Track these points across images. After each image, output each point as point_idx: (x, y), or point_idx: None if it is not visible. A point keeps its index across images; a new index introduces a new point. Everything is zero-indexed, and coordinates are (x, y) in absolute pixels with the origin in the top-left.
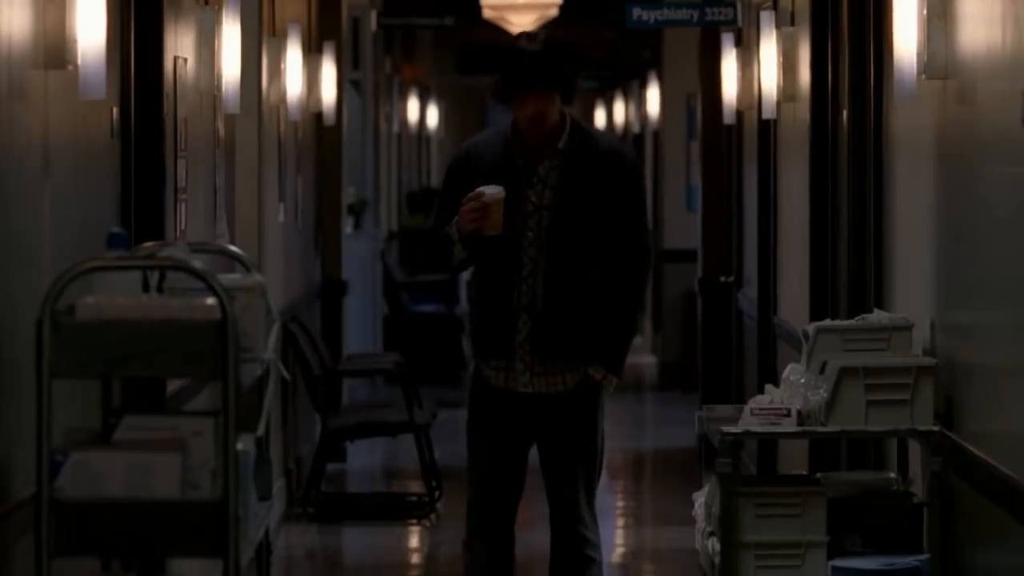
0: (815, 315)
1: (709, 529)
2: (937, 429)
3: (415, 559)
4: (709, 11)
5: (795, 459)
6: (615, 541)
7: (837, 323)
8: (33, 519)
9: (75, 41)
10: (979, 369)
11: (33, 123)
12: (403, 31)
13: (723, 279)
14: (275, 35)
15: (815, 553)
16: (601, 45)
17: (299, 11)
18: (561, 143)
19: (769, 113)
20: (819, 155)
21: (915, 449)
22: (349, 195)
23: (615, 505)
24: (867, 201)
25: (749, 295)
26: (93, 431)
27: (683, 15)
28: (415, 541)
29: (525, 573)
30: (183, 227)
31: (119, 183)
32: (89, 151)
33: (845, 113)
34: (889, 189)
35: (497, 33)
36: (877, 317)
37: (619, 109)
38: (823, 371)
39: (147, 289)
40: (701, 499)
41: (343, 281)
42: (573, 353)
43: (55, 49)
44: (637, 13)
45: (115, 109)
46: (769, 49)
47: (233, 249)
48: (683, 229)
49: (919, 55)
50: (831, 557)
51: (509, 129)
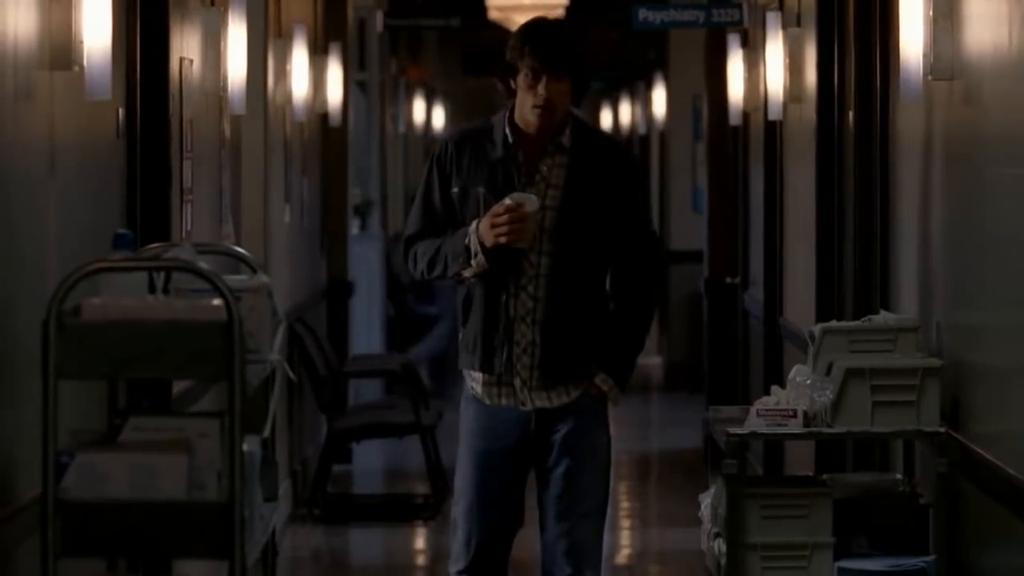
0: (821, 316)
1: (715, 530)
2: (943, 430)
3: (421, 560)
4: (715, 12)
5: (801, 460)
6: (621, 542)
7: (843, 324)
8: (39, 520)
9: (80, 42)
10: (985, 370)
11: (39, 124)
12: (409, 32)
13: (729, 280)
14: (281, 36)
15: (821, 554)
16: (607, 46)
17: (305, 12)
18: (565, 139)
19: (775, 114)
20: (825, 156)
21: (921, 450)
22: (355, 196)
23: (621, 506)
24: (873, 202)
25: (755, 296)
26: (98, 432)
27: (689, 16)
28: (421, 542)
29: None
30: (189, 228)
31: (124, 184)
32: (94, 152)
33: (851, 114)
34: (895, 190)
35: (503, 34)
36: (883, 318)
37: (625, 110)
38: (829, 372)
39: (153, 290)
40: (707, 500)
41: (349, 282)
42: (578, 364)
43: (61, 50)
44: (643, 14)
45: (121, 110)
46: (775, 50)
47: (239, 250)
48: (689, 230)
49: (925, 56)
50: (837, 558)
51: (505, 121)
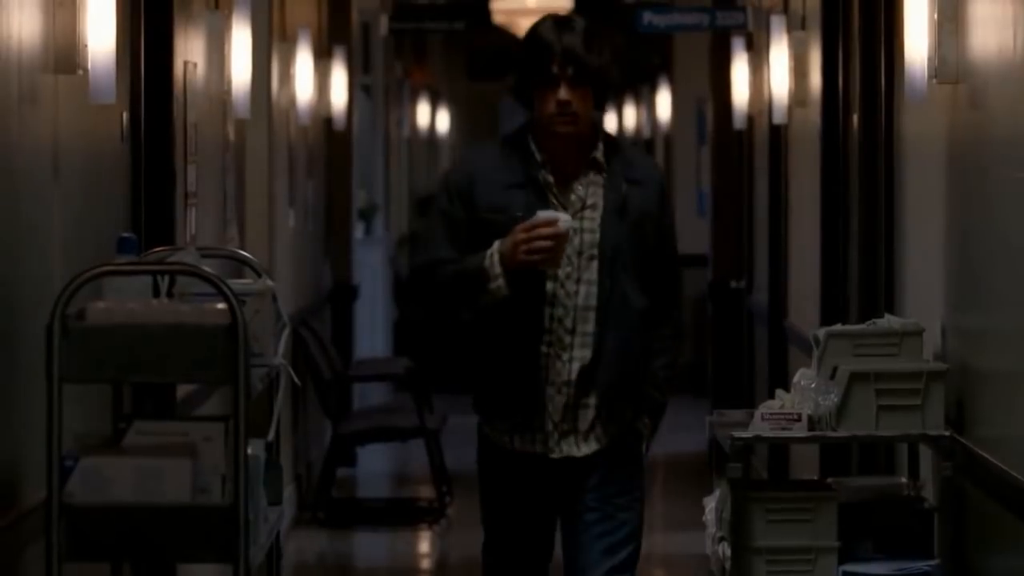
0: (826, 320)
1: (720, 534)
2: (948, 434)
3: (425, 564)
4: (720, 15)
5: (806, 464)
6: None
7: (848, 328)
8: (44, 524)
9: (85, 45)
10: (990, 374)
11: (43, 127)
12: (413, 36)
13: (734, 284)
14: (285, 40)
15: (826, 558)
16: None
17: (309, 16)
18: (599, 154)
19: (780, 118)
20: (830, 159)
21: (926, 454)
22: (359, 199)
23: None
24: (878, 205)
25: (759, 300)
26: (103, 436)
27: (694, 20)
28: (425, 546)
29: None
30: (193, 232)
31: (129, 188)
32: (99, 155)
33: (856, 117)
34: (900, 193)
35: (508, 38)
36: (888, 322)
37: (629, 114)
38: (834, 376)
39: (157, 294)
40: (712, 504)
41: (354, 286)
42: (618, 405)
43: (65, 53)
44: (648, 18)
45: (125, 114)
46: (780, 53)
47: (243, 254)
48: (693, 234)
49: (930, 59)
50: (842, 562)
51: (528, 137)
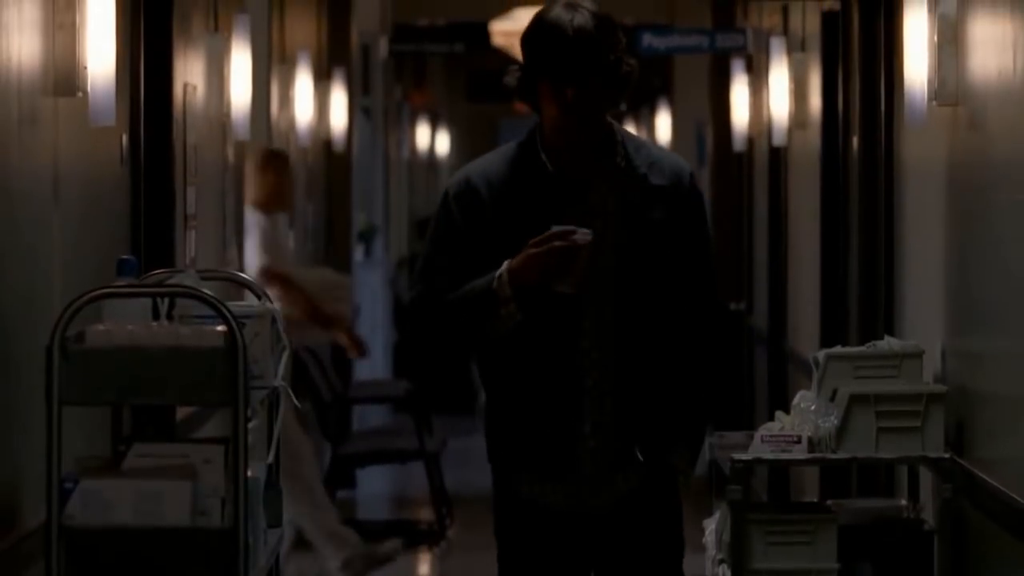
0: (825, 342)
1: (720, 556)
2: (948, 456)
3: None
4: (719, 38)
5: (806, 486)
6: None
7: (847, 350)
8: (43, 547)
9: (84, 68)
10: (990, 396)
11: (43, 150)
12: (413, 58)
13: (733, 306)
14: (285, 62)
15: None
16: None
17: (309, 38)
18: (618, 158)
19: (780, 140)
20: (830, 181)
21: (926, 476)
22: (359, 221)
23: None
24: (878, 228)
25: (759, 322)
26: (103, 458)
27: (694, 41)
28: (425, 568)
29: None
30: (193, 254)
31: (128, 210)
32: (98, 178)
33: (856, 139)
34: (900, 216)
35: (507, 60)
36: (888, 344)
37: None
38: (833, 398)
39: (157, 316)
40: (712, 526)
41: (353, 308)
42: (653, 443)
43: (65, 76)
44: (648, 40)
45: (125, 136)
46: (779, 75)
47: (243, 276)
48: None
49: (930, 81)
50: None
51: (538, 143)
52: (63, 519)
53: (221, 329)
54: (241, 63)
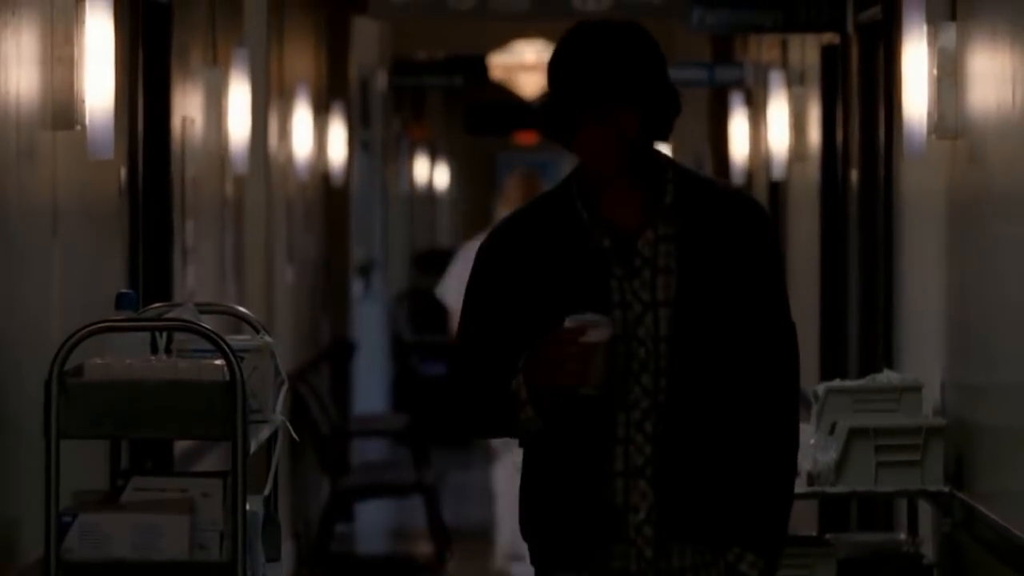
0: (825, 375)
1: None
2: (947, 490)
3: None
4: (718, 71)
5: (805, 520)
6: None
7: (847, 383)
8: None
9: (83, 101)
10: (990, 429)
11: (42, 183)
12: (412, 91)
13: None
14: (283, 95)
15: None
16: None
17: (308, 71)
18: (668, 198)
19: (779, 173)
20: (829, 215)
21: (925, 510)
22: (358, 255)
23: None
24: (877, 261)
25: None
26: (101, 492)
27: (692, 75)
28: None
29: None
30: (191, 287)
31: (127, 243)
32: (97, 211)
33: (855, 172)
34: (899, 249)
35: (506, 94)
36: (887, 377)
37: None
38: (833, 431)
39: (156, 350)
40: None
41: (352, 342)
42: (715, 536)
43: (63, 109)
44: None
45: (123, 169)
46: (778, 109)
47: (241, 310)
48: None
49: (929, 114)
50: None
51: (574, 189)
52: (61, 553)
53: (220, 363)
54: (240, 96)
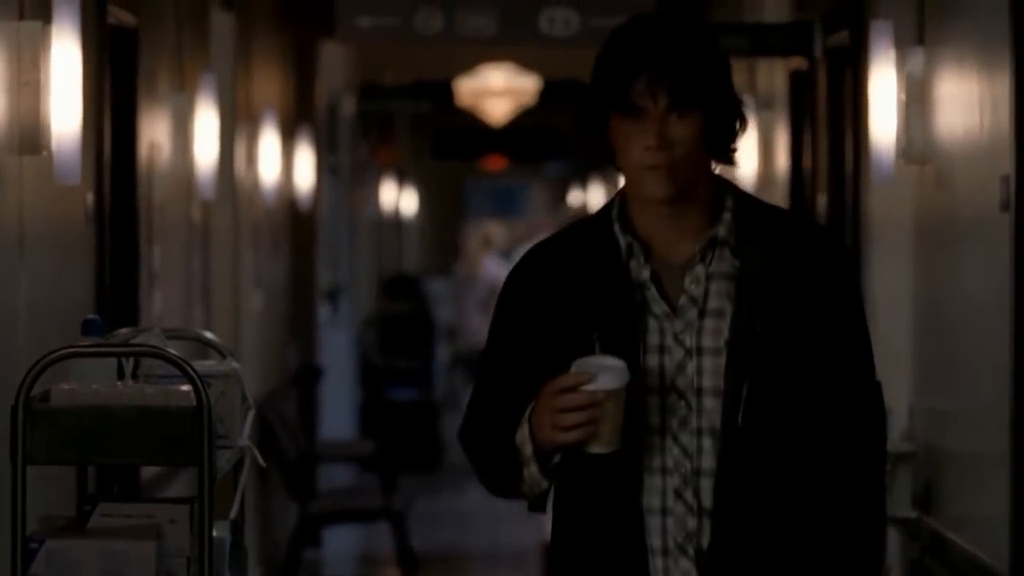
0: None
1: None
2: (915, 516)
3: None
4: None
5: None
6: None
7: None
8: None
9: (49, 126)
10: (958, 455)
11: (8, 208)
12: (380, 116)
13: None
14: (251, 120)
15: None
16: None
17: (275, 96)
18: (722, 228)
19: None
20: None
21: (893, 536)
22: (326, 280)
23: None
24: None
25: None
26: (68, 518)
27: None
28: None
29: None
30: (158, 312)
31: (94, 268)
32: (64, 236)
33: (823, 197)
34: (867, 274)
35: (472, 120)
36: None
37: (595, 194)
38: None
39: (122, 375)
40: None
41: (319, 367)
42: None
43: (30, 134)
44: None
45: (90, 194)
46: (747, 134)
47: (208, 336)
48: None
49: (897, 139)
50: None
51: (614, 213)
52: None
53: (186, 389)
54: (207, 121)
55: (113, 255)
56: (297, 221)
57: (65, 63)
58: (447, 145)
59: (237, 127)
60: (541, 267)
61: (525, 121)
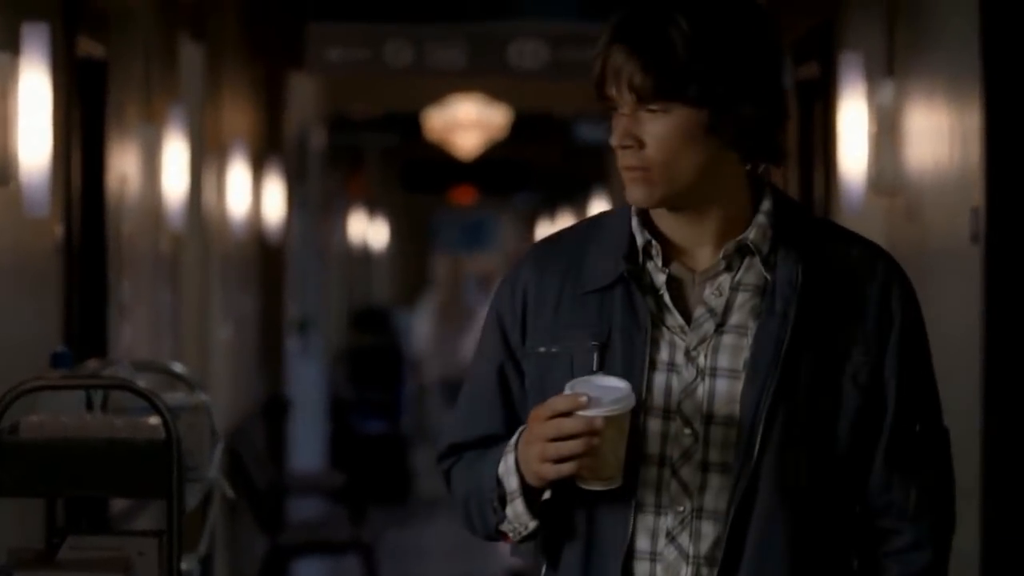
0: None
1: None
2: None
3: None
4: None
5: None
6: None
7: None
8: None
9: (17, 158)
10: None
11: None
12: (349, 148)
13: None
14: (220, 152)
15: None
16: (548, 161)
17: (244, 127)
18: (752, 232)
19: None
20: None
21: None
22: (295, 312)
23: None
24: None
25: None
26: (37, 551)
27: None
28: None
29: None
30: (127, 344)
31: (62, 300)
32: (32, 268)
33: None
34: None
35: (440, 154)
36: None
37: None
38: None
39: (91, 406)
40: None
41: (288, 399)
42: None
43: None
44: (585, 130)
45: (58, 226)
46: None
47: (177, 368)
48: None
49: (867, 171)
50: None
51: (631, 209)
52: None
53: (155, 421)
54: (176, 153)
55: (82, 287)
56: (266, 253)
57: (34, 95)
58: (416, 177)
59: (206, 159)
60: (542, 264)
61: (495, 153)
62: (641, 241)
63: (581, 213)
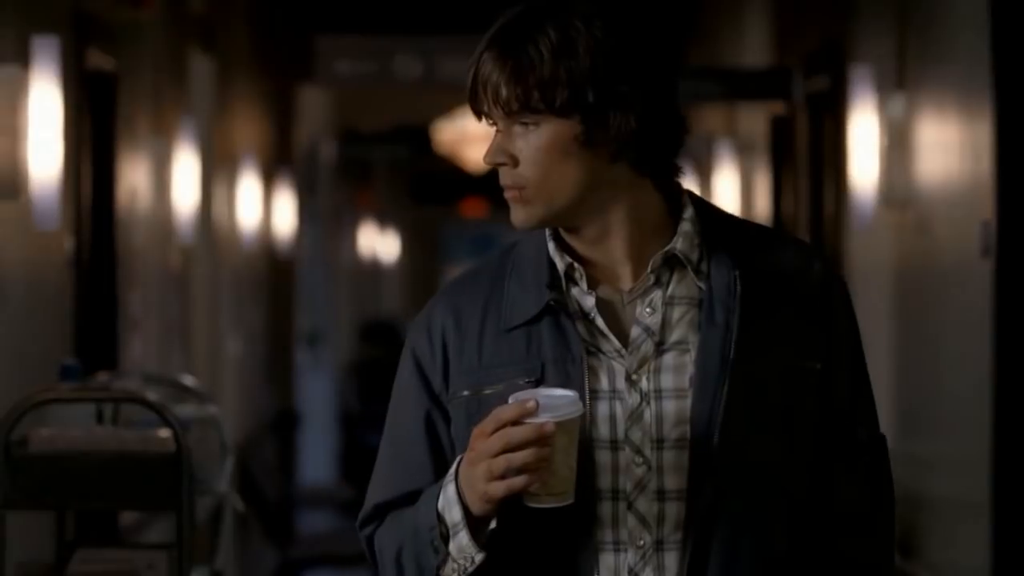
0: None
1: None
2: (896, 562)
3: None
4: None
5: None
6: None
7: None
8: None
9: (27, 171)
10: (938, 500)
11: None
12: (359, 161)
13: None
14: (230, 165)
15: None
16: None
17: (254, 141)
18: (679, 242)
19: None
20: None
21: None
22: (305, 325)
23: None
24: None
25: None
26: (46, 564)
27: None
28: None
29: None
30: (137, 357)
31: (72, 313)
32: (42, 281)
33: None
34: None
35: (450, 165)
36: None
37: None
38: None
39: (101, 419)
40: None
41: (298, 412)
42: None
43: (8, 179)
44: None
45: (69, 239)
46: (726, 178)
47: (187, 381)
48: None
49: (878, 184)
50: None
51: (550, 228)
52: None
53: (165, 434)
54: (186, 166)
55: (92, 300)
56: (276, 266)
57: (44, 108)
58: (426, 190)
59: (216, 172)
60: (458, 305)
61: None
62: (562, 266)
63: None
